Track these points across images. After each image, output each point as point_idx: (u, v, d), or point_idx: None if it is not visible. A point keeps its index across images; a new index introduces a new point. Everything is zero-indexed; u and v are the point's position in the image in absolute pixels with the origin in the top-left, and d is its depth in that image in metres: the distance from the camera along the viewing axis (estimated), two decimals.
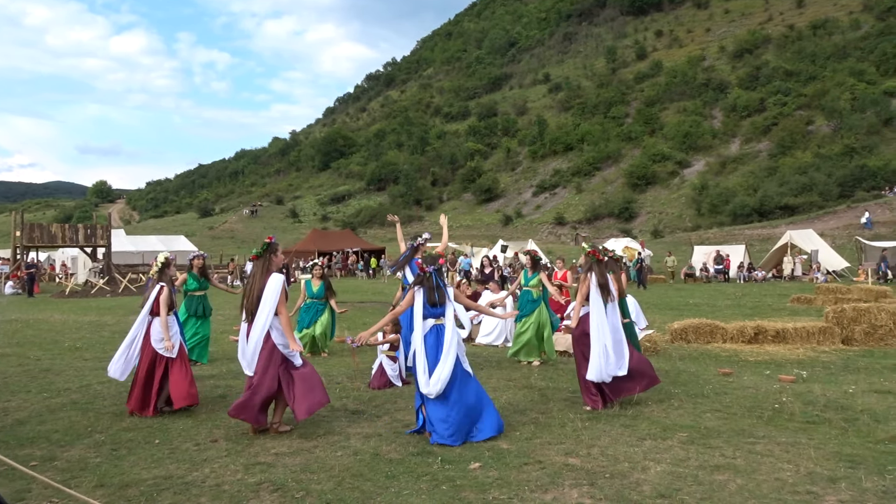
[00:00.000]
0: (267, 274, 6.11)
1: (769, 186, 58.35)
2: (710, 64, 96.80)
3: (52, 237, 33.34)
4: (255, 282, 6.09)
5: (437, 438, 5.67)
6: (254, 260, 6.30)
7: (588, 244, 7.44)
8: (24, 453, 5.46)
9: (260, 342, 5.96)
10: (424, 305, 6.03)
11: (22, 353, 11.24)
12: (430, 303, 6.03)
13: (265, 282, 6.04)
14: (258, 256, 6.22)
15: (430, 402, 5.83)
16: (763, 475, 4.77)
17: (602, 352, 6.80)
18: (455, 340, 5.96)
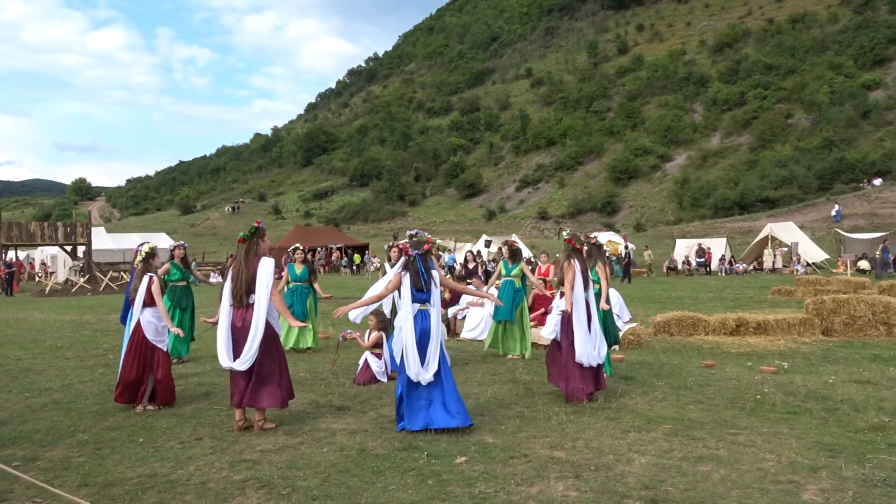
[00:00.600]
0: (256, 258, 6.04)
1: (750, 180, 58.90)
2: (691, 58, 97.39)
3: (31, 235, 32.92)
4: (243, 266, 6.00)
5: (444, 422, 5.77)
6: (240, 242, 6.14)
7: (567, 233, 7.50)
8: (5, 454, 5.40)
9: (261, 330, 5.88)
10: (411, 290, 6.04)
11: (2, 352, 11.10)
12: (415, 288, 6.04)
13: (255, 266, 5.98)
14: (244, 240, 6.12)
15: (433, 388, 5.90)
16: (746, 465, 4.84)
17: (585, 334, 6.89)
18: (440, 326, 6.04)
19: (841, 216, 43.18)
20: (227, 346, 5.94)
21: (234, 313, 6.02)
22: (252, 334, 5.88)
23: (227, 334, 5.98)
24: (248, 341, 5.87)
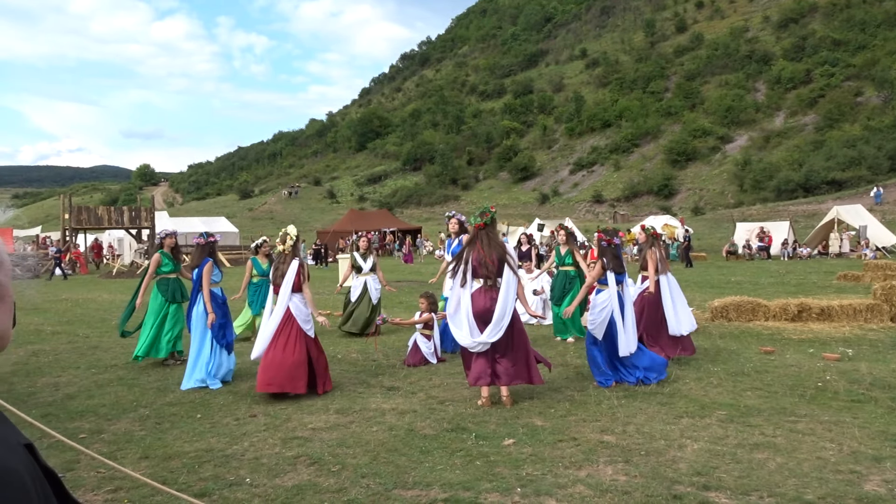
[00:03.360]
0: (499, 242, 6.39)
1: (815, 161, 56.69)
2: (754, 35, 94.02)
3: (98, 219, 34.24)
4: (489, 250, 6.23)
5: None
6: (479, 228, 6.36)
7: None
8: (73, 426, 5.65)
9: (510, 310, 6.13)
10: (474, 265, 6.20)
11: (72, 330, 11.60)
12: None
13: (504, 249, 6.30)
14: (485, 225, 6.35)
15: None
16: (804, 454, 4.69)
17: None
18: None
19: (881, 199, 41.29)
20: (470, 326, 6.09)
21: (481, 297, 6.15)
22: (497, 314, 6.05)
23: (470, 314, 6.11)
24: (497, 315, 6.05)
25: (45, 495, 0.90)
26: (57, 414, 6.08)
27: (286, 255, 6.96)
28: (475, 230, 6.37)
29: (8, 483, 0.84)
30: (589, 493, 4.07)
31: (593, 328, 6.92)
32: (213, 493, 4.17)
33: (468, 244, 6.41)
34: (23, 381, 7.51)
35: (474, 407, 6.08)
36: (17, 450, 0.89)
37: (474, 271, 6.20)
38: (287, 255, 6.95)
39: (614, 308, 6.88)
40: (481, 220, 6.33)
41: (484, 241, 6.27)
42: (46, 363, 8.55)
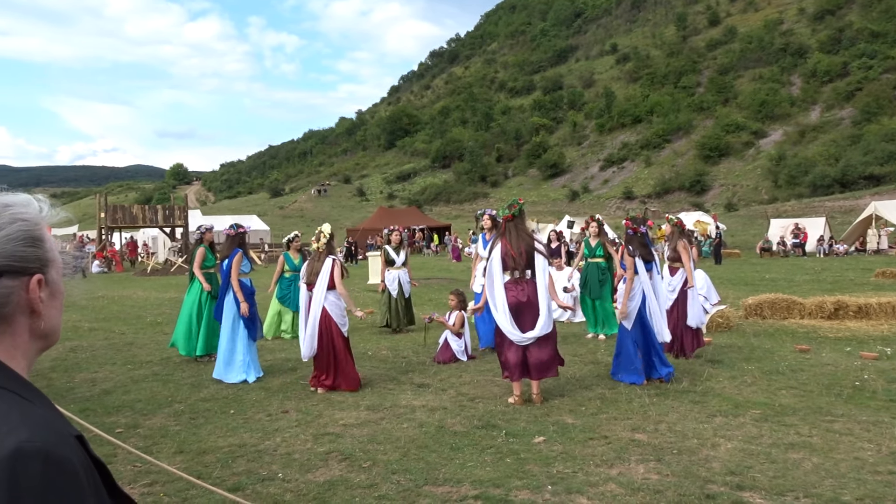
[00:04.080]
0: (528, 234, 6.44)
1: (852, 155, 55.49)
2: (789, 27, 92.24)
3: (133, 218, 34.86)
4: (517, 243, 6.23)
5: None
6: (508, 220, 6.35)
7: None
8: (110, 421, 5.77)
9: (549, 302, 6.16)
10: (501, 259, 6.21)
11: (108, 327, 11.84)
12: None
13: (532, 242, 6.32)
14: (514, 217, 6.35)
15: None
16: (841, 454, 4.60)
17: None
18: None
19: None
20: (510, 320, 6.07)
21: (513, 289, 6.13)
22: (544, 306, 6.07)
23: (506, 308, 6.09)
24: (542, 313, 6.05)
25: (95, 485, 0.93)
26: (94, 409, 6.21)
27: (320, 252, 7.00)
28: (503, 222, 6.37)
29: (62, 471, 0.87)
30: (620, 492, 4.04)
31: (624, 318, 6.89)
32: (247, 488, 4.23)
33: (496, 237, 6.44)
34: (61, 377, 7.69)
35: (504, 404, 6.08)
36: (69, 440, 0.93)
37: (503, 264, 6.19)
38: (321, 253, 6.99)
39: (646, 296, 6.83)
40: (509, 212, 6.32)
41: (511, 234, 6.26)
42: (84, 359, 8.74)
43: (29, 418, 0.91)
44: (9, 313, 0.99)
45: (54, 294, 1.05)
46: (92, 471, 0.94)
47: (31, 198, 1.06)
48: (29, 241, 1.01)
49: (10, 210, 1.01)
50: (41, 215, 1.05)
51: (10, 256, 0.98)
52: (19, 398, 0.95)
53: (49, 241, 1.04)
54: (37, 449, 0.87)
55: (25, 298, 1.00)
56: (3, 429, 0.88)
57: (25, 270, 1.00)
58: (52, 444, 0.89)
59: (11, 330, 1.00)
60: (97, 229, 35.54)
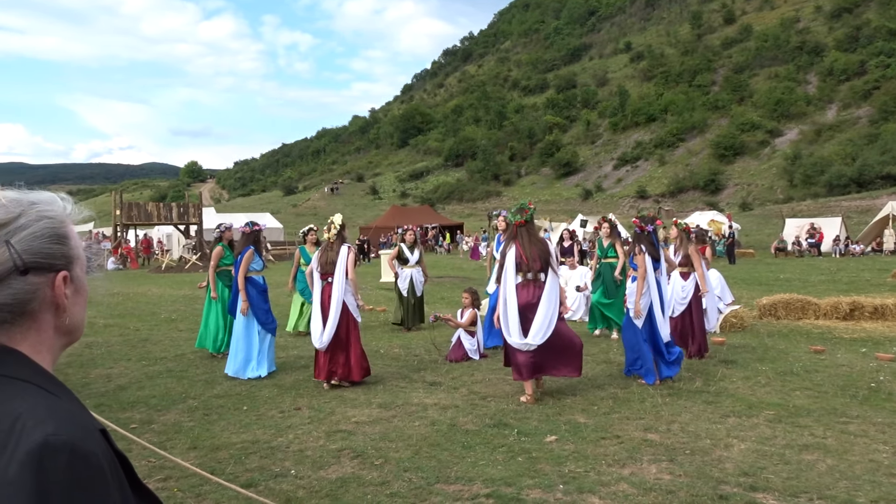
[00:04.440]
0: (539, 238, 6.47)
1: (869, 155, 54.89)
2: (805, 25, 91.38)
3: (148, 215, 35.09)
4: (532, 246, 6.25)
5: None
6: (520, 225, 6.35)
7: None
8: (124, 416, 5.83)
9: (554, 307, 6.17)
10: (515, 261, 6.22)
11: (123, 323, 11.94)
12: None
13: (546, 245, 6.36)
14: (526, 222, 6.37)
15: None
16: (856, 456, 4.56)
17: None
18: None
19: None
20: (517, 326, 6.09)
21: (525, 290, 6.15)
22: (541, 314, 6.06)
23: (516, 312, 6.11)
24: (542, 317, 6.05)
25: (119, 479, 0.95)
26: (109, 404, 6.27)
27: (332, 242, 7.03)
28: (514, 227, 6.38)
29: (87, 464, 0.89)
30: (632, 492, 4.03)
31: (634, 318, 6.87)
32: (259, 484, 4.26)
33: (508, 241, 6.43)
34: (77, 372, 7.77)
35: (516, 403, 6.07)
36: (94, 434, 0.94)
37: (517, 266, 6.20)
38: (334, 243, 7.02)
39: (652, 296, 6.82)
40: (521, 218, 6.32)
41: (524, 238, 6.27)
42: (99, 355, 8.82)
43: (55, 412, 0.93)
44: (35, 309, 1.01)
45: (78, 291, 1.07)
46: (115, 464, 0.96)
47: (56, 196, 1.08)
48: (55, 238, 1.02)
49: (37, 208, 1.02)
50: (66, 213, 1.06)
51: (36, 253, 1.00)
52: (45, 392, 0.97)
53: (74, 239, 1.06)
54: (63, 442, 0.88)
55: (51, 295, 1.02)
56: (30, 422, 0.90)
57: (51, 267, 1.02)
58: (78, 437, 0.90)
59: (37, 326, 1.02)
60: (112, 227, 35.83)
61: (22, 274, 0.98)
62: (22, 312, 1.00)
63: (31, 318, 1.01)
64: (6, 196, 1.02)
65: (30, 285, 0.99)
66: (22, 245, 0.99)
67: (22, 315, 1.00)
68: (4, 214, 0.99)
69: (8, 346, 1.00)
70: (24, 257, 0.98)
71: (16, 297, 0.99)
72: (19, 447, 0.88)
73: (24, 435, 0.88)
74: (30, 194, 1.05)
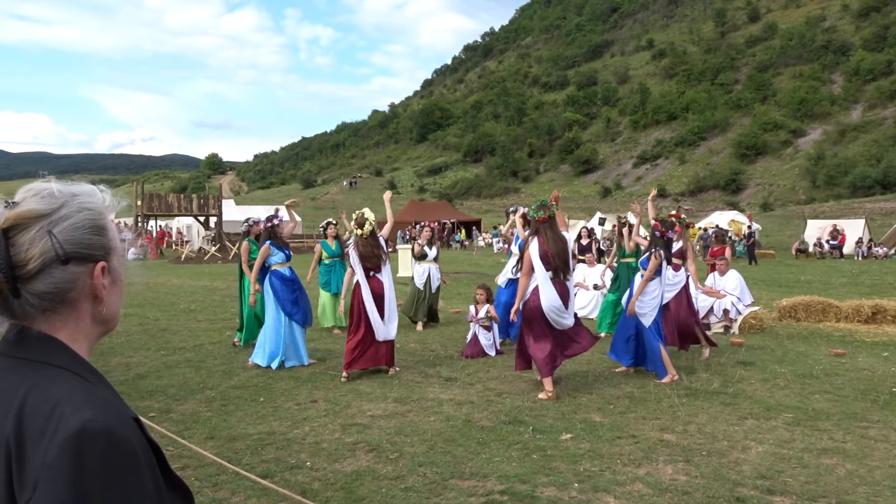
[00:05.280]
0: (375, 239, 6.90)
1: (895, 156, 54.04)
2: (831, 24, 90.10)
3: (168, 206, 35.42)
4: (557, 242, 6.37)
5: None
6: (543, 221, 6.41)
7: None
8: (143, 405, 5.89)
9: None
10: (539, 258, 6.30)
11: (142, 313, 12.07)
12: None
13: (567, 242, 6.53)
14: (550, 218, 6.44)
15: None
16: (876, 461, 4.50)
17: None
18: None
19: None
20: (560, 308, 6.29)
21: (558, 287, 6.29)
22: (572, 302, 6.41)
23: (561, 304, 6.29)
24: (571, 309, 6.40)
25: (151, 466, 0.98)
26: (128, 393, 6.34)
27: (366, 238, 7.09)
28: (537, 224, 6.37)
29: (123, 451, 0.92)
30: (648, 492, 4.01)
31: (643, 315, 6.85)
32: (275, 475, 4.29)
33: (530, 234, 6.45)
34: (97, 361, 7.86)
35: (532, 400, 6.07)
36: (129, 422, 0.98)
37: (545, 263, 6.21)
38: (368, 238, 7.10)
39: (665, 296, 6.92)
40: (544, 214, 6.32)
41: (548, 235, 6.27)
42: (119, 344, 8.92)
43: (92, 399, 0.96)
44: (74, 298, 1.04)
45: (115, 281, 1.10)
46: (149, 452, 0.99)
47: (96, 188, 1.11)
48: (95, 229, 1.05)
49: (78, 199, 1.05)
50: (105, 205, 1.09)
51: (77, 244, 1.03)
52: (82, 380, 1.00)
53: (112, 230, 1.09)
54: (100, 428, 0.92)
55: (90, 284, 1.05)
56: (68, 409, 0.93)
57: (91, 257, 1.04)
58: (115, 424, 0.94)
59: (76, 315, 1.05)
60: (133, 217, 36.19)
61: (63, 263, 1.01)
62: (62, 301, 1.03)
63: (70, 307, 1.04)
64: (50, 188, 1.05)
65: (70, 275, 1.02)
66: (63, 235, 1.01)
67: (62, 304, 1.03)
68: (47, 205, 1.02)
69: (48, 334, 1.03)
70: (66, 247, 1.01)
71: (56, 286, 1.01)
72: (58, 432, 0.91)
73: (63, 421, 0.92)
74: (71, 186, 1.08)
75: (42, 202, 1.02)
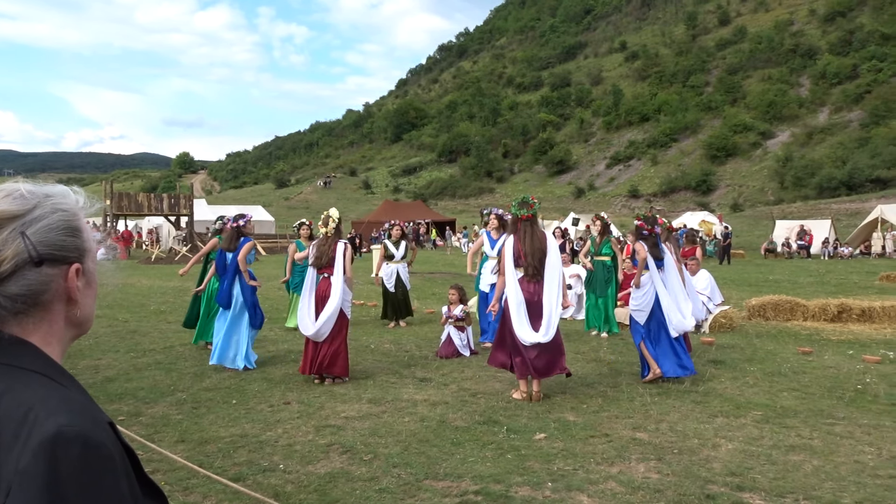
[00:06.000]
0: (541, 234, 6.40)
1: (860, 158, 55.23)
2: (799, 28, 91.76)
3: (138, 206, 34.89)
4: (532, 242, 6.23)
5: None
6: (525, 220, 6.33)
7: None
8: (112, 408, 5.80)
9: (557, 304, 6.18)
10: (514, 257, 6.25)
11: (112, 315, 11.88)
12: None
13: (546, 242, 6.30)
14: (531, 216, 6.35)
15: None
16: (842, 457, 4.60)
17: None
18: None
19: None
20: (525, 320, 6.10)
21: (527, 286, 6.18)
22: (548, 311, 6.08)
23: (524, 308, 6.12)
24: (546, 315, 6.08)
25: (127, 471, 0.96)
26: (96, 396, 6.23)
27: (328, 237, 7.02)
28: (518, 221, 6.34)
29: (99, 455, 0.91)
30: (620, 490, 4.05)
31: (637, 313, 6.89)
32: (248, 478, 4.25)
33: (508, 234, 6.46)
34: (64, 363, 7.60)
35: (506, 400, 6.09)
36: (104, 426, 0.96)
37: (516, 261, 6.20)
38: (330, 238, 7.01)
39: (658, 292, 6.86)
40: (527, 212, 6.30)
41: (526, 234, 6.26)
42: (87, 346, 8.76)
43: (67, 403, 0.95)
44: (47, 300, 1.02)
45: (90, 283, 1.09)
46: (124, 457, 0.97)
47: (69, 189, 1.09)
48: (69, 230, 1.04)
49: (51, 200, 1.04)
50: (79, 206, 1.08)
51: (51, 245, 1.01)
52: (57, 384, 0.99)
53: (86, 231, 1.08)
54: (76, 433, 0.90)
55: (64, 287, 1.03)
56: (42, 413, 0.91)
57: (65, 259, 1.03)
58: (90, 429, 0.92)
59: (49, 317, 1.04)
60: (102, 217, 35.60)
61: (36, 265, 0.99)
62: (35, 304, 1.01)
63: (43, 310, 1.02)
64: (20, 188, 1.03)
65: (44, 277, 1.01)
66: (37, 237, 1.00)
67: (35, 306, 1.01)
68: (20, 206, 1.00)
69: (20, 338, 1.01)
70: (39, 249, 1.00)
71: (30, 288, 1.00)
72: (32, 437, 0.89)
73: (38, 425, 0.90)
74: (44, 187, 1.06)
75: (14, 203, 1.00)
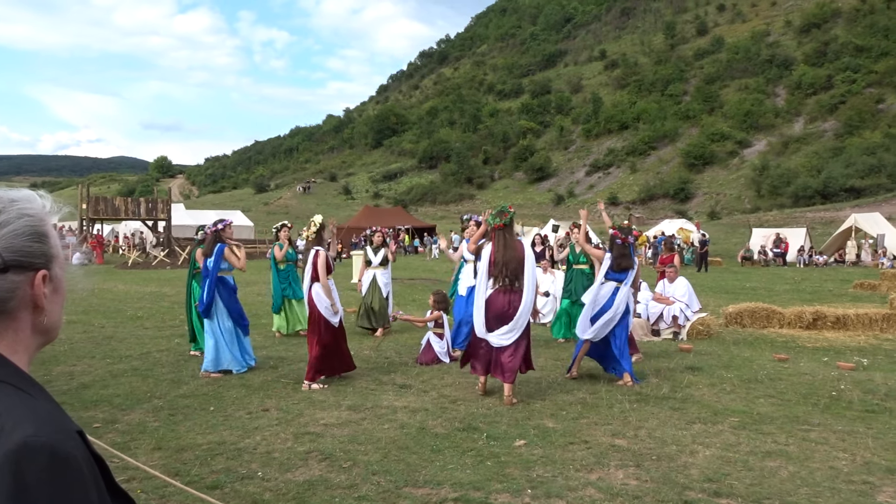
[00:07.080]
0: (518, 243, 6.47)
1: (834, 167, 56.22)
2: (775, 39, 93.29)
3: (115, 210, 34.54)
4: (506, 251, 6.32)
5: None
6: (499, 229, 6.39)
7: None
8: (87, 415, 5.71)
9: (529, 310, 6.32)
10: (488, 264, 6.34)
11: (87, 320, 11.71)
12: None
13: (521, 251, 6.38)
14: (505, 226, 6.40)
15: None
16: (817, 463, 4.65)
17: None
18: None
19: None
20: (482, 320, 6.24)
21: (501, 297, 6.22)
22: (518, 316, 6.18)
23: (483, 309, 6.24)
24: (513, 322, 6.19)
25: (96, 480, 0.94)
26: (71, 403, 6.14)
27: (309, 242, 7.14)
28: (493, 231, 6.38)
29: (67, 466, 0.89)
30: (599, 497, 4.06)
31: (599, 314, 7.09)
32: (225, 486, 4.20)
33: (485, 242, 6.48)
34: (38, 370, 7.59)
35: (486, 407, 6.09)
36: (72, 435, 0.94)
37: (488, 272, 6.23)
38: (310, 243, 7.12)
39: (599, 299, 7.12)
40: (500, 221, 6.32)
41: (500, 242, 6.29)
42: (62, 352, 8.63)
43: (33, 413, 0.93)
44: (13, 308, 1.00)
45: (57, 290, 1.06)
46: (94, 466, 0.95)
47: (35, 193, 1.07)
48: (35, 236, 1.01)
49: (17, 205, 1.01)
50: (45, 211, 1.05)
51: (17, 251, 0.99)
52: (24, 393, 0.96)
53: (53, 237, 1.05)
54: (42, 444, 0.88)
55: (30, 294, 1.01)
56: (8, 424, 0.89)
57: (31, 266, 1.01)
58: (58, 439, 0.90)
59: (15, 325, 1.01)
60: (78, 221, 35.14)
61: (1, 272, 0.97)
62: (0, 311, 0.99)
63: (9, 317, 1.00)
64: None
65: (9, 283, 0.98)
66: (2, 243, 0.98)
67: (0, 314, 0.99)
68: None
69: None
70: (5, 255, 0.97)
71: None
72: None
73: (3, 436, 0.88)
74: (8, 192, 1.04)
75: None
